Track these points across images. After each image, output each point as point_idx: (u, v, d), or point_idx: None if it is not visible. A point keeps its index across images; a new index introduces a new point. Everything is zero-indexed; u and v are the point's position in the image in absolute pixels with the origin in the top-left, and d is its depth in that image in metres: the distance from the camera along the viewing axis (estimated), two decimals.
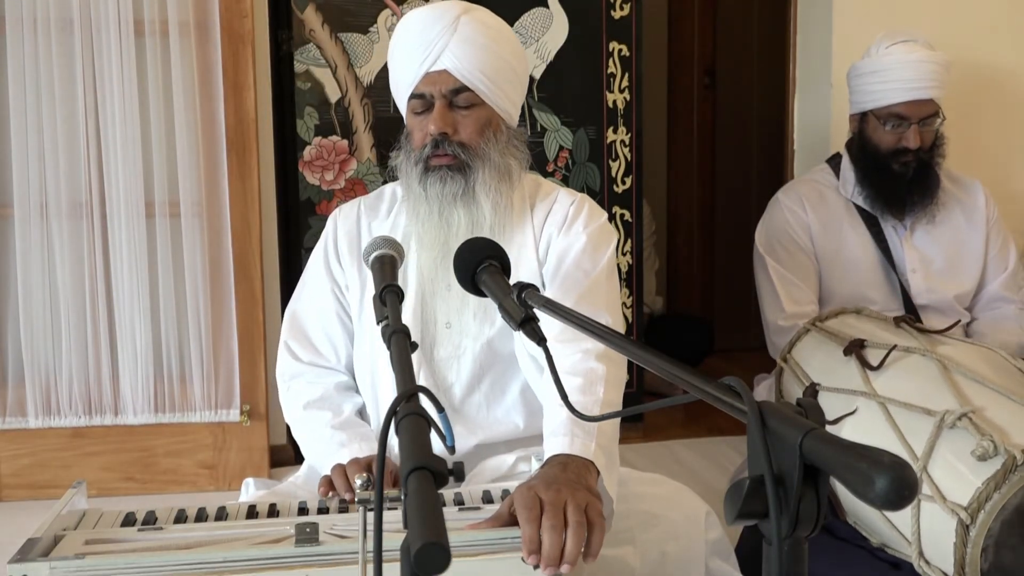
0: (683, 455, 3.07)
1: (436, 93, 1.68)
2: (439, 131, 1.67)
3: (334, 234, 1.86)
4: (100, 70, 2.65)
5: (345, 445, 1.69)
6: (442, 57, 1.66)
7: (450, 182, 1.68)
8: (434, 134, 1.67)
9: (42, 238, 2.68)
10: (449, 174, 1.68)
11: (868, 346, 1.99)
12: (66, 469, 2.72)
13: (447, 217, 1.69)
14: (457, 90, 1.68)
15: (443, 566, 0.71)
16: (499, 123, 1.74)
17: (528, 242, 1.76)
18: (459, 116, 1.69)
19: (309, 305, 1.86)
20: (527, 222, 1.78)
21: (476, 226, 1.68)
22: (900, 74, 2.38)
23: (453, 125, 1.68)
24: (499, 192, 1.71)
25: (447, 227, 1.69)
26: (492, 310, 1.71)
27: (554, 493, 1.29)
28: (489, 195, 1.69)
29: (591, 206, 1.82)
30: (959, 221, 2.53)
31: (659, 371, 1.03)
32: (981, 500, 1.61)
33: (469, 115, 1.69)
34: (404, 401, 0.95)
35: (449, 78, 1.67)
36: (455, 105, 1.69)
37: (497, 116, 1.73)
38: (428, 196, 1.69)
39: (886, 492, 0.67)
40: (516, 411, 1.77)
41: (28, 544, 1.26)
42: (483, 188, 1.69)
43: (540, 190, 1.84)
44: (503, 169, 1.72)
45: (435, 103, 1.68)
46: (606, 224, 1.81)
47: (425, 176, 1.69)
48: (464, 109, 1.69)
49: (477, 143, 1.69)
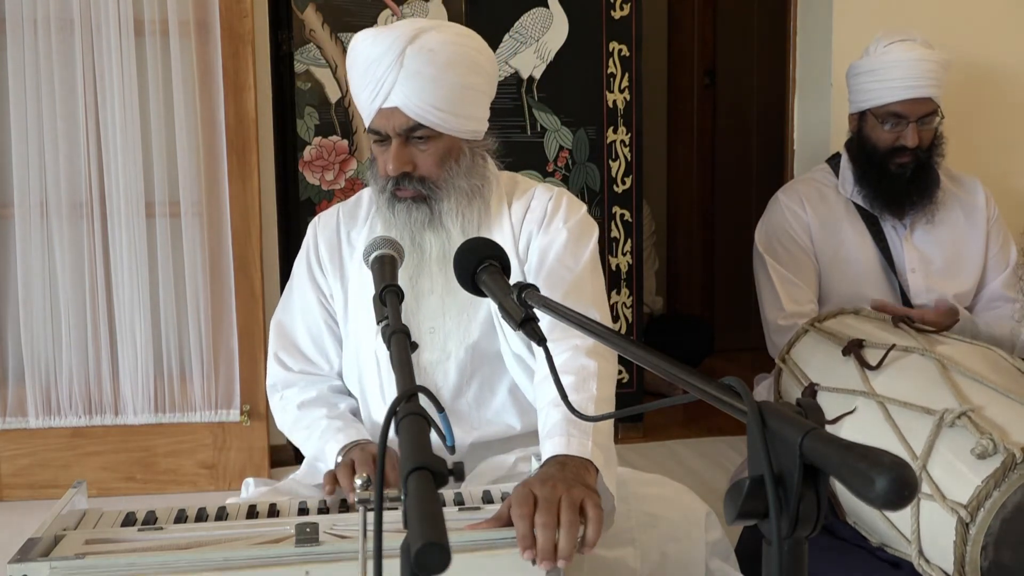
0: (683, 455, 3.07)
1: (391, 131, 1.64)
2: (396, 173, 1.64)
3: (315, 243, 1.85)
4: (100, 70, 2.65)
5: (342, 430, 1.69)
6: (391, 95, 1.61)
7: (416, 211, 1.67)
8: (392, 174, 1.65)
9: (42, 238, 2.68)
10: (414, 204, 1.67)
11: (867, 346, 1.99)
12: (66, 469, 2.72)
13: (419, 243, 1.69)
14: (411, 128, 1.63)
15: (443, 566, 0.72)
16: (461, 148, 1.69)
17: (507, 241, 1.74)
18: (417, 151, 1.65)
19: (296, 315, 1.85)
20: (504, 221, 1.77)
21: (447, 249, 1.65)
22: (898, 73, 2.38)
23: (411, 162, 1.65)
24: (468, 214, 1.69)
25: (420, 252, 1.69)
26: (474, 312, 1.72)
27: (549, 489, 1.29)
28: (457, 220, 1.68)
29: (570, 200, 1.80)
30: (959, 220, 2.53)
31: (659, 371, 1.03)
32: (981, 498, 1.61)
33: (427, 149, 1.65)
34: (404, 401, 0.95)
35: (401, 116, 1.62)
36: (413, 139, 1.65)
37: (458, 142, 1.68)
38: (397, 222, 1.68)
39: (886, 492, 0.67)
40: (507, 411, 1.77)
41: (28, 544, 1.26)
42: (449, 215, 1.67)
43: (517, 188, 1.82)
44: (471, 192, 1.70)
45: (392, 141, 1.65)
46: (586, 217, 1.79)
47: (392, 203, 1.68)
48: (422, 143, 1.65)
49: (438, 175, 1.67)
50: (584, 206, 1.82)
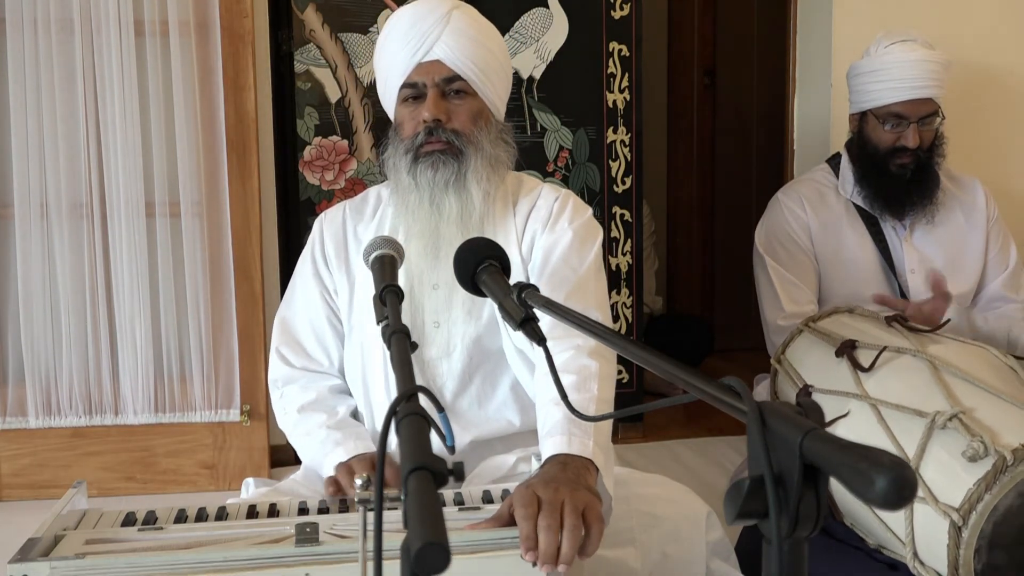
0: (683, 455, 3.07)
1: (429, 82, 1.71)
2: (433, 117, 1.69)
3: (320, 239, 1.86)
4: (100, 70, 2.65)
5: (341, 444, 1.69)
6: (435, 47, 1.69)
7: (442, 168, 1.69)
8: (428, 120, 1.69)
9: (42, 238, 2.68)
10: (441, 159, 1.69)
11: (860, 347, 1.98)
12: (66, 469, 2.72)
13: (438, 204, 1.70)
14: (450, 79, 1.70)
15: (443, 566, 0.72)
16: (489, 115, 1.76)
17: (511, 239, 1.75)
18: (452, 104, 1.72)
19: (299, 311, 1.86)
20: (509, 219, 1.78)
21: (466, 214, 1.69)
22: (899, 73, 2.38)
23: (447, 113, 1.71)
24: (489, 182, 1.72)
25: (438, 214, 1.70)
26: (478, 307, 1.72)
27: (552, 492, 1.29)
28: (480, 184, 1.70)
29: (575, 201, 1.81)
30: (959, 221, 2.53)
31: (659, 371, 1.03)
32: (972, 501, 1.61)
33: (462, 104, 1.72)
34: (404, 401, 0.95)
35: (442, 67, 1.70)
36: (447, 94, 1.71)
37: (487, 108, 1.75)
38: (419, 184, 1.70)
39: (886, 492, 0.67)
40: (508, 408, 1.77)
41: (28, 544, 1.26)
42: (475, 175, 1.70)
43: (523, 187, 1.84)
44: (494, 160, 1.74)
45: (428, 92, 1.70)
46: (591, 219, 1.81)
47: (415, 165, 1.70)
48: (456, 98, 1.72)
49: (470, 130, 1.71)
50: (589, 209, 1.83)
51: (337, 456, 1.66)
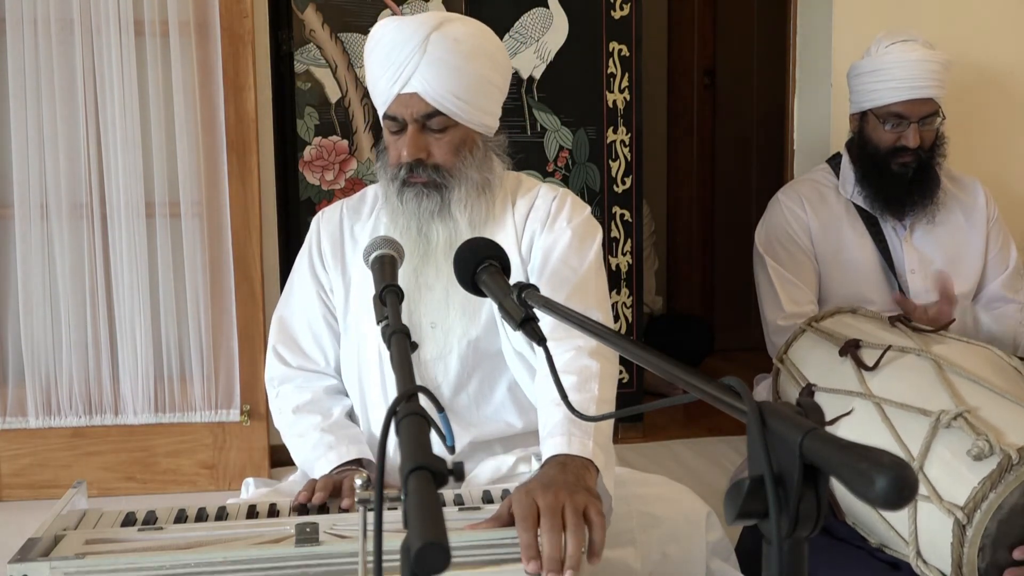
0: (683, 455, 3.07)
1: (408, 117, 1.64)
2: (412, 158, 1.65)
3: (317, 238, 1.86)
4: (100, 70, 2.65)
5: (333, 447, 1.69)
6: (412, 80, 1.62)
7: (426, 200, 1.66)
8: (407, 160, 1.65)
9: (42, 238, 2.68)
10: (425, 192, 1.66)
11: (864, 346, 1.98)
12: (66, 469, 2.72)
13: (425, 233, 1.68)
14: (429, 115, 1.64)
15: (443, 566, 0.71)
16: (475, 139, 1.70)
17: (510, 240, 1.74)
18: (432, 139, 1.66)
19: (297, 310, 1.86)
20: (508, 219, 1.77)
21: (454, 240, 1.65)
22: (899, 73, 2.38)
23: (426, 149, 1.66)
24: (476, 207, 1.70)
25: (426, 242, 1.69)
26: (476, 309, 1.71)
27: (551, 497, 1.29)
28: (465, 212, 1.68)
29: (574, 200, 1.80)
30: (959, 221, 2.53)
31: (659, 371, 1.02)
32: (977, 500, 1.61)
33: (443, 138, 1.66)
34: (404, 401, 0.95)
35: (420, 102, 1.63)
36: (429, 128, 1.66)
37: (473, 133, 1.70)
38: (406, 211, 1.68)
39: (886, 492, 0.67)
40: (506, 409, 1.76)
41: (28, 544, 1.26)
42: (458, 205, 1.68)
43: (521, 186, 1.83)
44: (481, 184, 1.70)
45: (408, 127, 1.65)
46: (590, 218, 1.80)
47: (402, 191, 1.68)
48: (438, 132, 1.66)
49: (452, 164, 1.67)
50: (587, 207, 1.82)
51: (330, 461, 1.66)
